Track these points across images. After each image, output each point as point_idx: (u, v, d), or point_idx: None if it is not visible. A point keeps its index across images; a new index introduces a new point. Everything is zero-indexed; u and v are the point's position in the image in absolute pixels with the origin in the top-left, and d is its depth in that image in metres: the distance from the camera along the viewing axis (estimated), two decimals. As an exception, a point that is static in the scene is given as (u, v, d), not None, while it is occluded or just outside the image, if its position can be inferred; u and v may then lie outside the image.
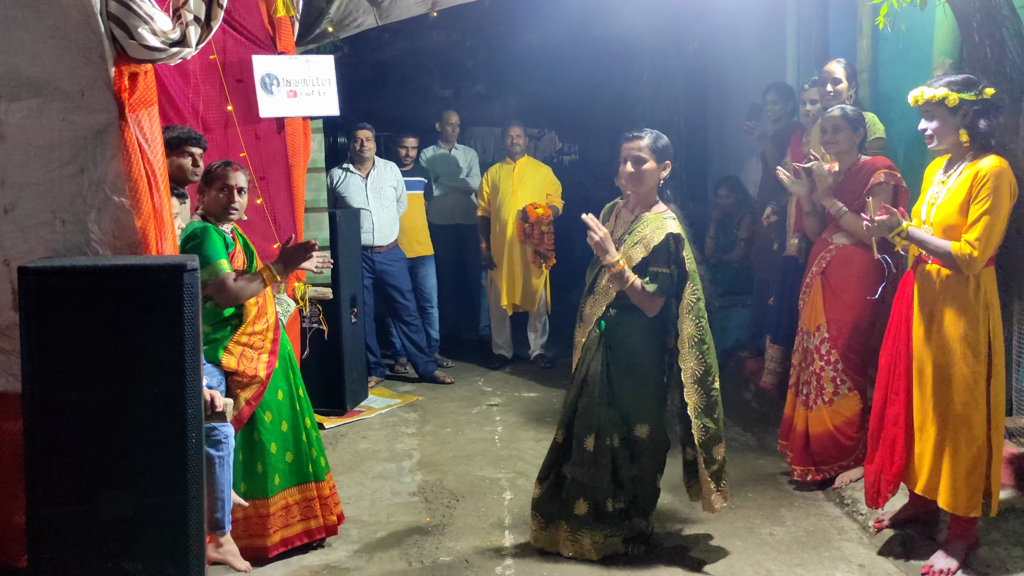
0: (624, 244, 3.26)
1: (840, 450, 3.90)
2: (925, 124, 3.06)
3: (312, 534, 3.44)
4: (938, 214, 3.04)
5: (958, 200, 2.97)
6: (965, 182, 2.96)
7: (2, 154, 2.47)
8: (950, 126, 2.99)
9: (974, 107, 2.96)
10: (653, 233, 3.20)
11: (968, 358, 2.98)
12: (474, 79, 9.38)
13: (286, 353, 3.44)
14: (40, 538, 2.18)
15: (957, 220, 2.97)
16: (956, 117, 2.97)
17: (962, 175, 2.99)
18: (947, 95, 2.95)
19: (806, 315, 4.03)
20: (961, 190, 2.97)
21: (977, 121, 2.96)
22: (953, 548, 3.11)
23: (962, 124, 2.97)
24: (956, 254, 2.93)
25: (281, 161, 4.33)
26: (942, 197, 3.04)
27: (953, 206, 2.99)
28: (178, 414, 2.24)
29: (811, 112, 4.58)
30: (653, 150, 3.24)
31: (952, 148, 3.05)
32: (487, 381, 6.13)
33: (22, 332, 2.14)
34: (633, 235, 3.25)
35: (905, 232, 3.07)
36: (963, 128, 2.97)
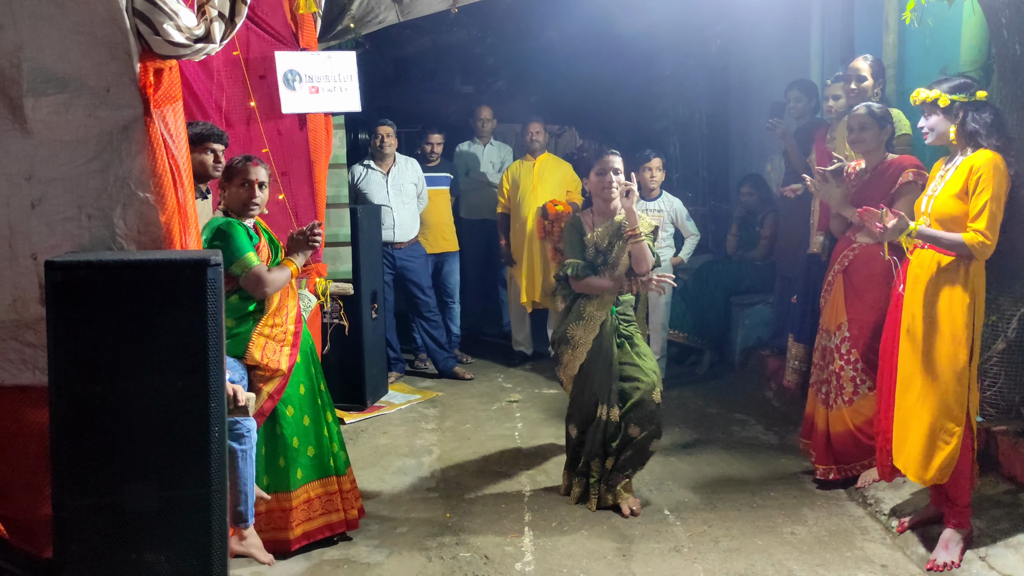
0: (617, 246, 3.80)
1: (861, 450, 3.87)
2: (923, 122, 3.33)
3: (333, 528, 3.46)
4: (935, 205, 3.23)
5: (953, 190, 3.17)
6: (960, 174, 3.17)
7: (29, 149, 2.49)
8: (943, 124, 3.25)
9: (965, 107, 3.19)
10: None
11: (956, 338, 3.13)
12: (495, 76, 9.36)
13: (308, 348, 3.46)
14: (65, 529, 2.20)
15: (951, 208, 3.16)
16: (948, 116, 3.23)
17: (957, 168, 3.20)
18: (939, 96, 3.23)
19: (827, 314, 4.00)
20: (956, 181, 3.17)
21: (966, 120, 3.18)
22: (951, 536, 3.19)
23: (952, 122, 3.23)
24: (969, 243, 3.09)
25: (303, 157, 4.35)
26: (939, 189, 3.25)
27: (948, 196, 3.19)
28: (201, 408, 2.25)
29: (835, 108, 4.54)
30: None
31: (946, 144, 3.30)
32: (507, 377, 6.14)
33: (48, 325, 2.16)
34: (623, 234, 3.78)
35: (915, 232, 3.20)
36: (954, 125, 3.22)
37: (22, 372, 2.57)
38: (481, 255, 6.82)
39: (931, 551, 3.23)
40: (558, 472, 4.19)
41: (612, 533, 3.57)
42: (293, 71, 4.18)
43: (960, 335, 3.13)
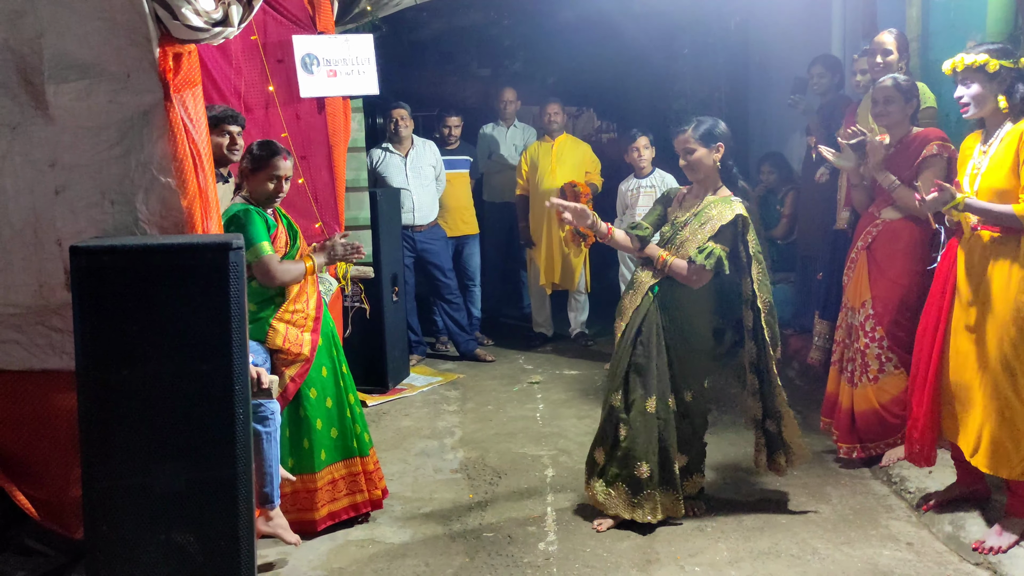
0: (689, 226, 3.37)
1: (886, 428, 3.83)
2: (962, 91, 3.08)
3: (358, 508, 3.49)
4: (984, 182, 3.05)
5: (1007, 164, 2.96)
6: (1011, 146, 2.96)
7: (52, 136, 2.52)
8: (989, 92, 3.02)
9: (1012, 74, 2.99)
10: (720, 213, 3.30)
11: (1018, 320, 2.96)
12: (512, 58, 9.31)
13: (329, 331, 3.48)
14: (96, 511, 2.24)
15: (1007, 184, 2.96)
16: (995, 83, 3.00)
17: (1004, 140, 3.00)
18: (988, 60, 2.98)
19: (851, 291, 3.96)
20: (1008, 154, 2.97)
21: (1015, 87, 2.99)
22: (1011, 524, 3.07)
23: (1000, 90, 3.00)
24: (1022, 215, 2.90)
25: (322, 141, 4.36)
26: (985, 166, 3.06)
27: (1002, 171, 2.98)
28: (226, 390, 2.27)
29: (861, 83, 4.48)
30: (698, 138, 3.36)
31: (989, 115, 3.08)
32: (528, 359, 6.14)
33: (75, 310, 2.19)
34: (699, 216, 3.36)
35: (962, 204, 3.04)
36: (1002, 94, 3.00)
37: (49, 357, 2.61)
38: (503, 238, 6.82)
39: (957, 528, 3.21)
40: (580, 453, 4.19)
41: (635, 513, 3.58)
42: (311, 55, 4.18)
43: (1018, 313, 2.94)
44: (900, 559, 3.12)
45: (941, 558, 3.13)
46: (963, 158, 3.22)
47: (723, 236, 3.29)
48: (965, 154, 3.21)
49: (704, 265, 3.26)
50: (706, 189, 3.43)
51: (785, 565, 3.11)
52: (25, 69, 2.46)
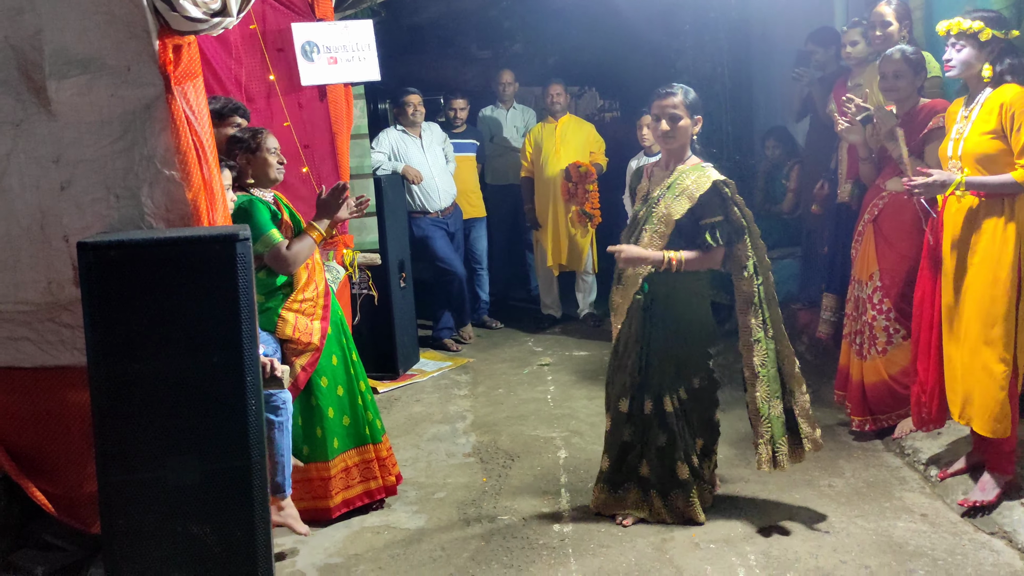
0: (664, 200, 3.17)
1: (896, 399, 3.83)
2: (952, 54, 3.15)
3: (372, 494, 3.50)
4: (967, 146, 3.13)
5: (985, 129, 3.07)
6: (989, 112, 3.06)
7: (55, 132, 2.51)
8: (976, 59, 3.10)
9: (1000, 44, 3.07)
10: (696, 183, 3.13)
11: (1001, 281, 3.04)
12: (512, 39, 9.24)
13: (338, 319, 3.48)
14: (111, 505, 2.25)
15: (986, 148, 3.06)
16: (984, 51, 3.08)
17: (983, 106, 3.10)
18: (982, 28, 3.05)
19: (858, 264, 3.95)
20: (987, 120, 3.07)
21: (1002, 58, 3.07)
22: (993, 479, 3.17)
23: (988, 59, 3.09)
24: (1021, 181, 2.97)
25: (325, 129, 4.35)
26: (968, 130, 3.14)
27: (980, 135, 3.08)
28: (237, 382, 2.28)
29: (853, 54, 4.45)
30: (687, 106, 3.17)
31: (970, 80, 3.17)
32: (537, 341, 6.14)
33: (84, 305, 2.19)
34: (673, 188, 3.17)
35: (963, 184, 3.09)
36: (988, 63, 3.09)
37: (61, 353, 2.62)
38: (507, 221, 6.81)
39: (971, 499, 3.21)
40: (592, 433, 4.21)
41: (648, 491, 3.58)
42: (311, 42, 4.16)
43: (1005, 273, 3.02)
44: (915, 530, 3.13)
45: (956, 528, 3.13)
46: (949, 124, 3.30)
47: (709, 206, 3.12)
48: (950, 120, 3.29)
49: (716, 243, 3.12)
50: (677, 160, 3.23)
51: (800, 539, 3.12)
52: (26, 66, 2.45)
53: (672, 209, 3.13)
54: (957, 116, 3.24)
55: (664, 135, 3.19)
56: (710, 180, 3.12)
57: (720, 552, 3.07)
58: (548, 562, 3.07)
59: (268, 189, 3.30)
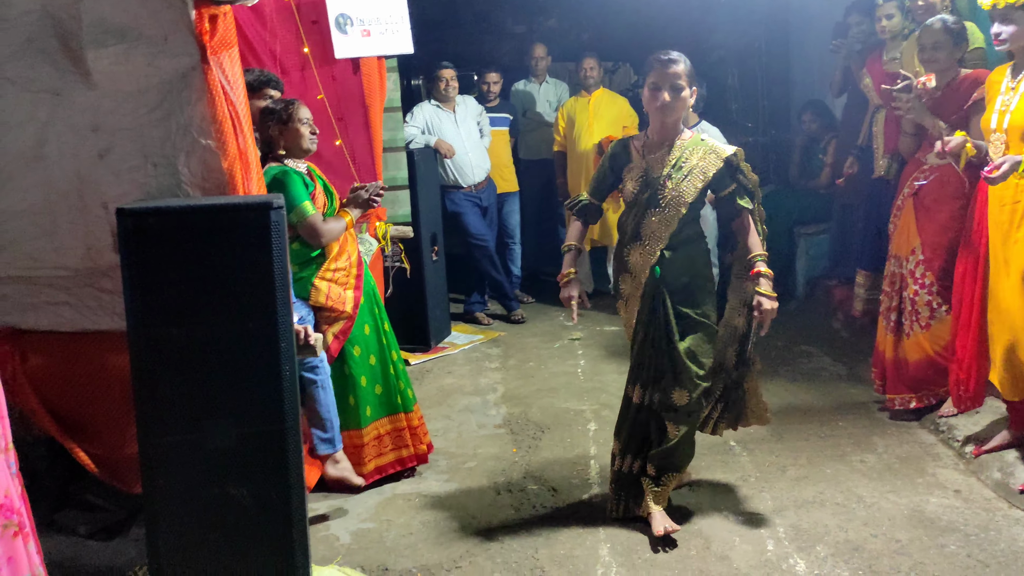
0: (673, 180, 2.93)
1: (942, 374, 3.75)
2: (1000, 28, 3.09)
3: (404, 462, 3.55)
4: (1014, 119, 3.06)
5: None
6: None
7: (93, 101, 2.55)
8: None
9: None
10: (705, 160, 2.94)
11: None
12: (546, 14, 9.18)
13: (371, 289, 3.52)
14: (152, 466, 2.30)
15: None
16: None
17: None
18: None
19: (897, 239, 3.89)
20: None
21: None
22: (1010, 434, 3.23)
23: None
24: None
25: (358, 101, 4.35)
26: (1015, 103, 3.07)
27: None
28: (272, 347, 2.31)
29: (888, 28, 4.36)
30: (688, 75, 2.93)
31: (1019, 52, 3.11)
32: (568, 316, 6.12)
33: (123, 271, 2.23)
34: (680, 167, 2.94)
35: None
36: None
37: (101, 318, 2.67)
38: (539, 195, 6.80)
39: (1007, 476, 3.17)
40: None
41: (678, 464, 3.59)
42: (344, 15, 4.17)
43: None
44: (947, 506, 3.10)
45: (989, 504, 3.10)
46: (991, 94, 3.21)
47: (722, 181, 2.97)
48: (993, 89, 3.20)
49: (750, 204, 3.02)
50: (673, 133, 2.98)
51: (830, 513, 3.11)
52: (64, 35, 2.49)
53: (684, 191, 2.93)
54: (1001, 86, 3.16)
55: (664, 106, 2.90)
56: (721, 158, 2.95)
57: (749, 524, 3.07)
58: (577, 532, 3.09)
59: (301, 160, 3.33)
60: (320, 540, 3.09)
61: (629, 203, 3.07)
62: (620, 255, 3.12)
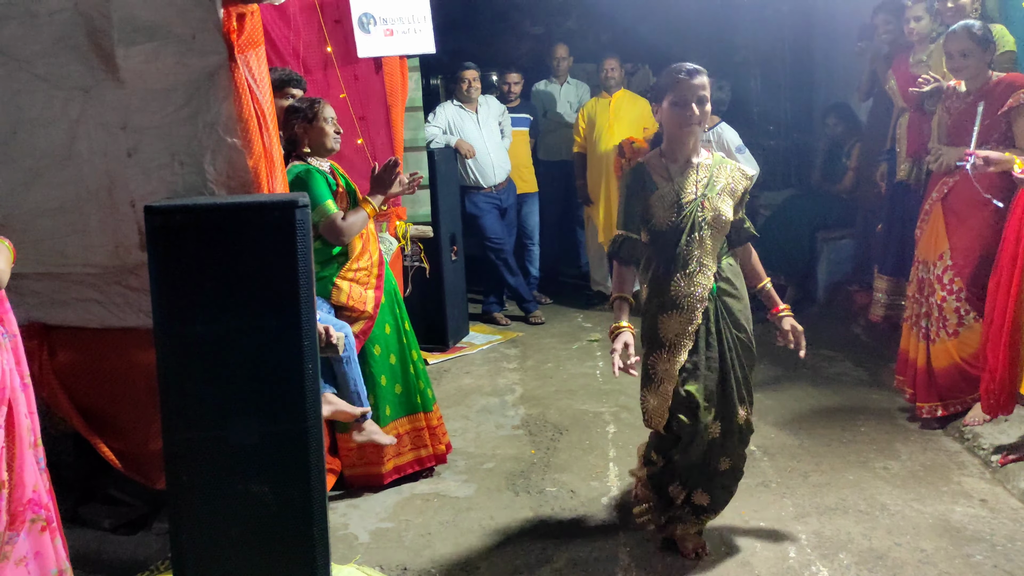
0: (709, 200, 2.72)
1: (970, 382, 3.70)
2: None
3: (423, 462, 3.55)
4: None
5: None
6: None
7: (123, 99, 2.57)
8: None
9: None
10: (732, 178, 2.78)
11: None
12: (565, 15, 9.17)
13: (391, 289, 3.53)
14: (176, 462, 2.31)
15: None
16: None
17: None
18: None
19: (924, 244, 3.84)
20: None
21: None
22: None
23: None
24: None
25: (380, 101, 4.37)
26: None
27: None
28: (295, 346, 2.31)
29: (916, 30, 4.32)
30: (708, 87, 2.73)
31: None
32: (586, 317, 6.14)
33: (150, 268, 2.24)
34: (713, 186, 2.74)
35: None
36: None
37: (128, 315, 2.69)
38: (559, 197, 6.79)
39: (1033, 485, 3.13)
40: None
41: (698, 468, 3.57)
42: (367, 14, 4.18)
43: None
44: (973, 515, 3.07)
45: (1016, 515, 3.06)
46: None
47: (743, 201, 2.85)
48: None
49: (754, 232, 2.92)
50: (693, 150, 2.78)
51: (853, 521, 3.08)
52: (95, 33, 2.51)
53: (723, 209, 2.73)
54: None
55: (693, 123, 2.69)
56: (747, 177, 2.83)
57: (770, 530, 3.05)
58: (596, 534, 3.08)
59: (325, 159, 3.34)
60: (339, 539, 3.10)
61: (660, 232, 2.77)
62: (659, 291, 2.81)
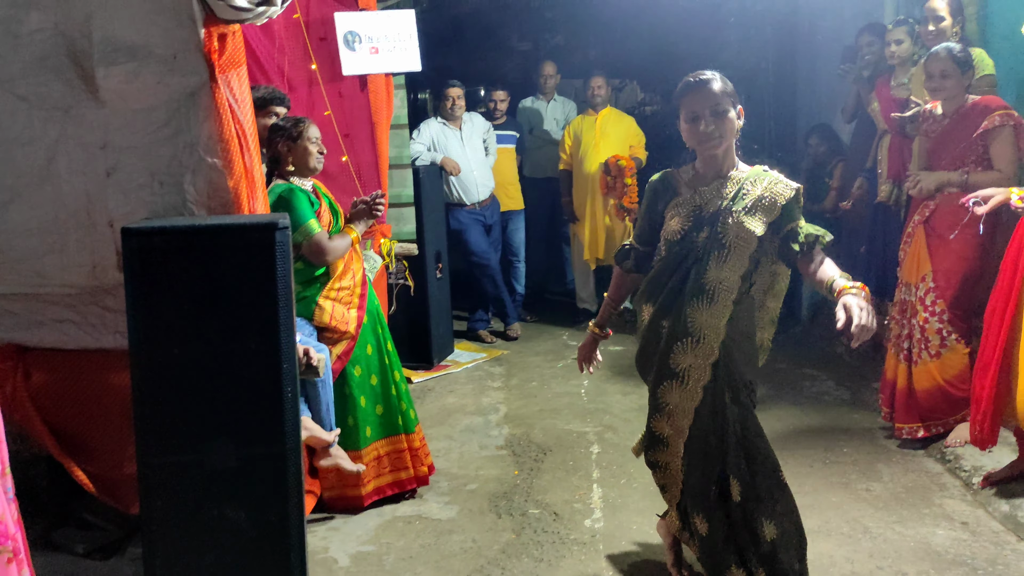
0: (734, 217, 2.42)
1: (952, 404, 3.72)
2: None
3: (403, 484, 3.52)
4: None
5: None
6: None
7: (103, 119, 2.55)
8: None
9: None
10: (771, 191, 2.43)
11: None
12: (553, 31, 9.21)
13: (374, 308, 3.51)
14: (150, 486, 2.27)
15: None
16: None
17: None
18: None
19: (907, 266, 3.85)
20: None
21: None
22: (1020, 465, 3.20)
23: None
24: None
25: (365, 118, 4.36)
26: None
27: None
28: (274, 369, 2.29)
29: (897, 53, 4.36)
30: (730, 94, 2.46)
31: None
32: (572, 335, 6.13)
33: (127, 290, 2.22)
34: (740, 200, 2.44)
35: None
36: None
37: (104, 336, 2.66)
38: (545, 214, 6.79)
39: (1016, 509, 3.13)
40: (626, 429, 4.20)
41: (681, 490, 3.55)
42: (353, 32, 4.17)
43: None
44: (955, 538, 3.07)
45: (998, 538, 3.06)
46: None
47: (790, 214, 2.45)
48: None
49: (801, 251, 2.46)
50: (727, 166, 2.49)
51: (836, 544, 3.07)
52: (75, 52, 2.49)
53: (750, 225, 2.41)
54: None
55: (708, 136, 2.43)
56: (791, 187, 2.46)
57: (753, 553, 3.03)
58: (579, 557, 3.06)
59: (308, 178, 3.32)
60: (318, 563, 3.06)
61: (674, 244, 2.50)
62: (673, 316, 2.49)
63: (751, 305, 2.56)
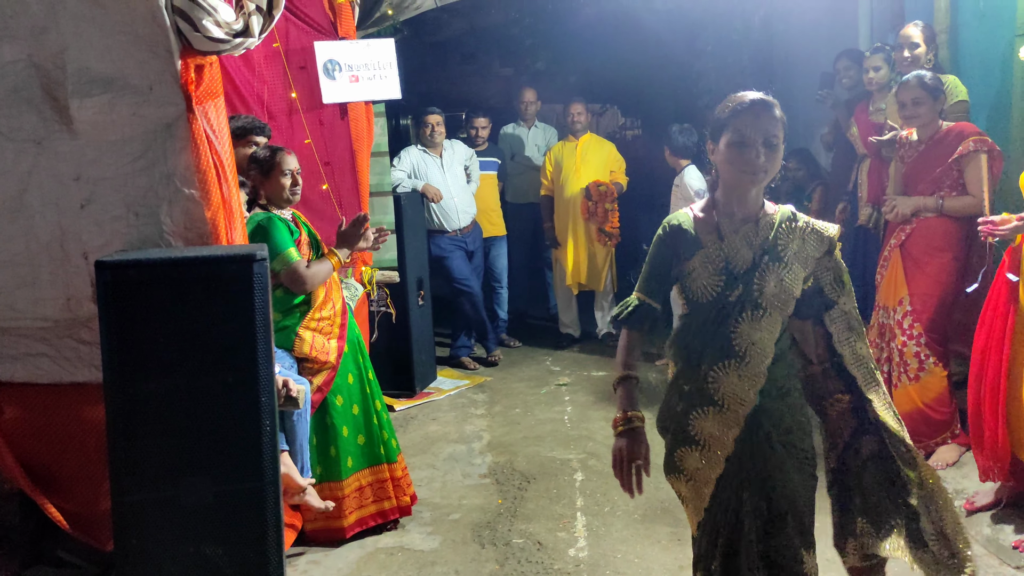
0: (773, 269, 2.10)
1: (933, 426, 3.73)
2: None
3: (386, 515, 3.48)
4: None
5: None
6: None
7: (76, 150, 2.52)
8: None
9: None
10: (805, 242, 2.14)
11: None
12: (534, 57, 9.28)
13: (355, 337, 3.48)
14: (125, 523, 2.23)
15: None
16: None
17: None
18: None
19: (884, 290, 3.88)
20: None
21: None
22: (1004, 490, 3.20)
23: None
24: None
25: (345, 146, 4.36)
26: None
27: None
28: (252, 402, 2.26)
29: (875, 80, 4.43)
30: (785, 126, 2.14)
31: None
32: (555, 360, 6.11)
33: (101, 323, 2.19)
34: (779, 250, 2.11)
35: None
36: None
37: (78, 370, 2.62)
38: (527, 239, 6.80)
39: (998, 532, 3.13)
40: (609, 456, 4.15)
41: (666, 517, 3.53)
42: (333, 60, 4.18)
43: None
44: (938, 564, 3.05)
45: (981, 561, 3.05)
46: None
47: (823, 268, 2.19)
48: None
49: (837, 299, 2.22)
50: (757, 207, 2.16)
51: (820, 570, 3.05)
52: (49, 84, 2.47)
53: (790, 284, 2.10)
54: None
55: (756, 169, 2.08)
56: (824, 238, 2.16)
57: (738, 581, 3.01)
58: (563, 588, 3.03)
59: (286, 208, 3.31)
60: (299, 597, 3.02)
61: (701, 305, 2.16)
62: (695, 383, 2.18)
63: (790, 365, 2.22)
